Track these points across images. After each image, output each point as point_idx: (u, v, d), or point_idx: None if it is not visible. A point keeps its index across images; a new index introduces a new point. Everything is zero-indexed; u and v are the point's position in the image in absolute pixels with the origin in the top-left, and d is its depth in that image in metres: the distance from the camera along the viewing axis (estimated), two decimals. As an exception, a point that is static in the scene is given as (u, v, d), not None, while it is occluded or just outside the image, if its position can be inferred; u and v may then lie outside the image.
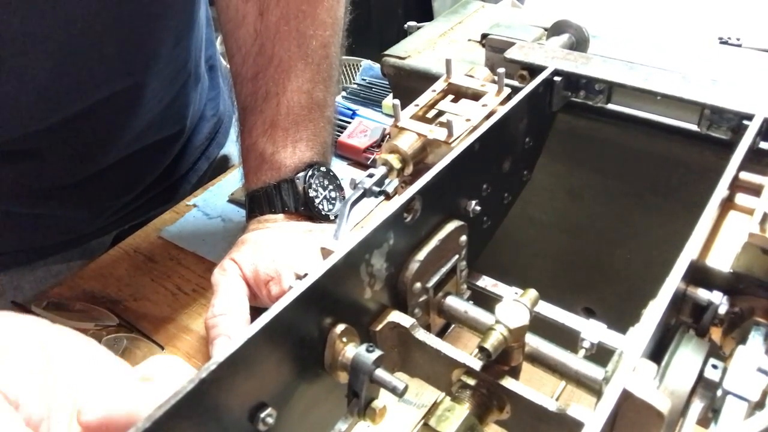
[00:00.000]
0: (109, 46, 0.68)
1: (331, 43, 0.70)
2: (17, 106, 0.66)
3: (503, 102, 0.45)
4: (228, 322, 0.59)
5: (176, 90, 0.83)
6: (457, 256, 0.40)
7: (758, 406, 0.28)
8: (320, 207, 0.68)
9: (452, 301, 0.40)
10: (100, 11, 0.65)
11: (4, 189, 0.74)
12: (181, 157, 0.93)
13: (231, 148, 1.02)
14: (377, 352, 0.32)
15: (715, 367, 0.31)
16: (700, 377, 0.31)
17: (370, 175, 0.43)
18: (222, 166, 1.00)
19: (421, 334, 0.36)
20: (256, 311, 0.60)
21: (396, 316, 0.36)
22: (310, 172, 0.68)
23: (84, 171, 0.79)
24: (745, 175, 0.39)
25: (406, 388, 0.31)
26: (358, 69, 1.16)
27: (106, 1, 0.64)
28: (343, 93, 1.08)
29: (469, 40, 0.65)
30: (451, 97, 0.48)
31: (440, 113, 0.46)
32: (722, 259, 0.36)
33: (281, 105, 0.68)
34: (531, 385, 0.33)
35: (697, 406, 0.30)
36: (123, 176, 0.84)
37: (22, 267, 0.82)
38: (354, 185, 0.42)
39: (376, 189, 0.42)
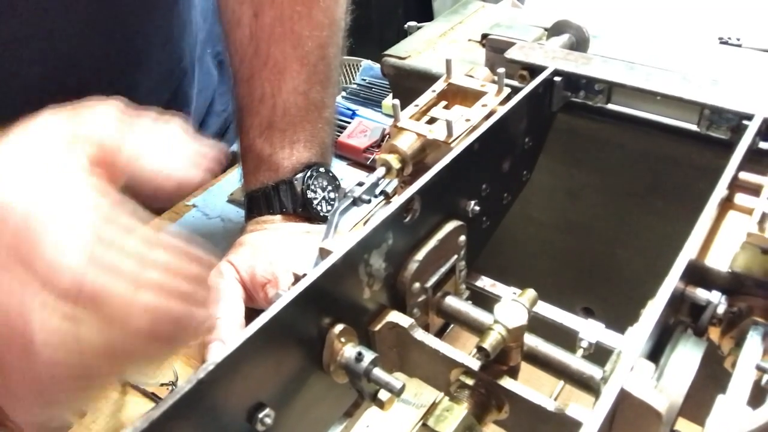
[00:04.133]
0: (96, 49, 0.69)
1: (328, 44, 0.70)
2: (6, 112, 0.66)
3: (503, 102, 0.45)
4: (223, 326, 0.59)
5: (173, 88, 0.84)
6: (456, 256, 0.40)
7: (757, 402, 0.28)
8: (318, 208, 0.68)
9: (451, 301, 0.40)
10: (82, 16, 0.65)
11: None
12: None
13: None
14: (368, 357, 0.32)
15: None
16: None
17: (360, 184, 0.43)
18: (232, 161, 1.00)
19: (419, 334, 0.36)
20: (253, 313, 0.60)
21: (395, 316, 0.36)
22: (308, 173, 0.68)
23: None
24: (744, 175, 0.39)
25: (402, 387, 0.31)
26: (358, 69, 1.16)
27: (86, 4, 0.65)
28: (343, 93, 1.07)
29: (470, 40, 0.65)
30: (444, 103, 0.47)
31: (433, 120, 0.46)
32: (721, 259, 0.36)
33: (277, 106, 0.68)
34: (529, 385, 0.33)
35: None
36: None
37: None
38: (343, 194, 0.42)
39: (366, 197, 0.42)
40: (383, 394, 0.33)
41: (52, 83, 0.66)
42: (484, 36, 0.58)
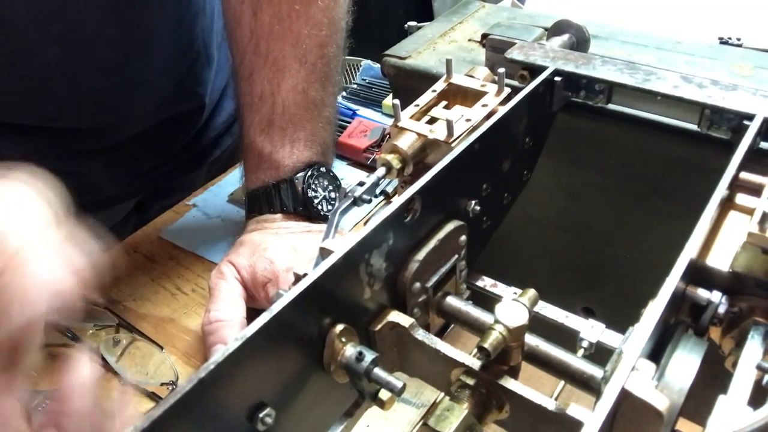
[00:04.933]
0: (107, 32, 0.71)
1: (327, 43, 0.70)
2: (28, 92, 0.70)
3: (503, 102, 0.45)
4: (225, 328, 0.59)
5: (185, 69, 0.86)
6: (456, 256, 0.40)
7: (758, 402, 0.28)
8: (319, 207, 0.68)
9: (452, 301, 0.40)
10: (92, 2, 0.67)
11: (35, 150, 0.77)
12: (204, 132, 0.96)
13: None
14: (368, 357, 0.32)
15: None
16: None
17: (360, 184, 0.43)
18: (232, 160, 1.01)
19: (420, 334, 0.36)
20: (254, 313, 0.60)
21: (395, 316, 0.36)
22: (309, 173, 0.68)
23: (102, 143, 0.82)
24: (745, 175, 0.39)
25: (403, 387, 0.31)
26: (358, 69, 1.16)
27: None
28: (343, 93, 1.07)
29: (470, 40, 0.65)
30: (444, 103, 0.47)
31: (433, 120, 0.46)
32: (722, 259, 0.36)
33: (276, 104, 0.68)
34: (530, 385, 0.33)
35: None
36: (145, 146, 0.87)
37: None
38: (344, 194, 0.42)
39: (366, 197, 0.42)
40: (384, 394, 0.33)
41: (68, 63, 0.71)
42: (485, 36, 0.58)
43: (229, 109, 0.99)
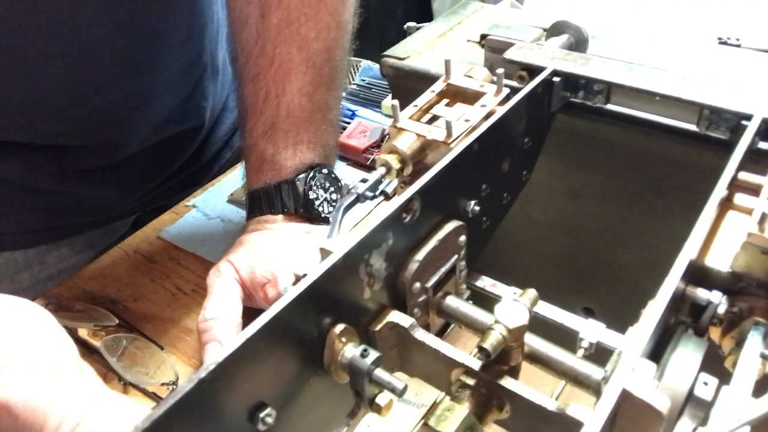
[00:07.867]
0: (118, 44, 0.70)
1: (334, 47, 0.70)
2: (30, 106, 0.68)
3: (502, 102, 0.45)
4: (220, 326, 0.59)
5: (192, 83, 0.85)
6: (456, 256, 0.40)
7: (759, 392, 0.28)
8: (320, 209, 0.68)
9: (451, 301, 0.40)
10: (106, 10, 0.66)
11: (34, 169, 0.77)
12: (204, 147, 0.95)
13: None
14: (373, 355, 0.32)
15: (705, 384, 0.30)
16: (691, 393, 0.30)
17: (364, 180, 0.43)
18: (233, 161, 1.01)
19: (420, 334, 0.36)
20: (253, 313, 0.60)
21: (395, 316, 0.36)
22: (311, 174, 0.68)
23: (106, 161, 0.81)
24: (743, 175, 0.40)
25: (405, 387, 0.31)
26: (357, 69, 1.16)
27: (112, 1, 0.66)
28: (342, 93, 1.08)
29: (469, 40, 0.65)
30: (446, 101, 0.48)
31: (435, 118, 0.46)
32: (721, 259, 0.36)
33: (281, 107, 0.68)
34: (530, 385, 0.33)
35: (687, 425, 0.30)
36: (146, 165, 0.86)
37: (48, 244, 0.85)
38: (347, 190, 0.42)
39: (369, 194, 0.42)
40: (381, 399, 0.33)
41: (74, 76, 0.69)
42: (483, 36, 0.58)
43: (228, 122, 0.98)
